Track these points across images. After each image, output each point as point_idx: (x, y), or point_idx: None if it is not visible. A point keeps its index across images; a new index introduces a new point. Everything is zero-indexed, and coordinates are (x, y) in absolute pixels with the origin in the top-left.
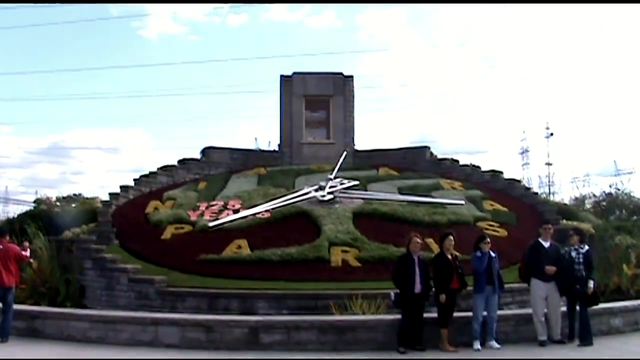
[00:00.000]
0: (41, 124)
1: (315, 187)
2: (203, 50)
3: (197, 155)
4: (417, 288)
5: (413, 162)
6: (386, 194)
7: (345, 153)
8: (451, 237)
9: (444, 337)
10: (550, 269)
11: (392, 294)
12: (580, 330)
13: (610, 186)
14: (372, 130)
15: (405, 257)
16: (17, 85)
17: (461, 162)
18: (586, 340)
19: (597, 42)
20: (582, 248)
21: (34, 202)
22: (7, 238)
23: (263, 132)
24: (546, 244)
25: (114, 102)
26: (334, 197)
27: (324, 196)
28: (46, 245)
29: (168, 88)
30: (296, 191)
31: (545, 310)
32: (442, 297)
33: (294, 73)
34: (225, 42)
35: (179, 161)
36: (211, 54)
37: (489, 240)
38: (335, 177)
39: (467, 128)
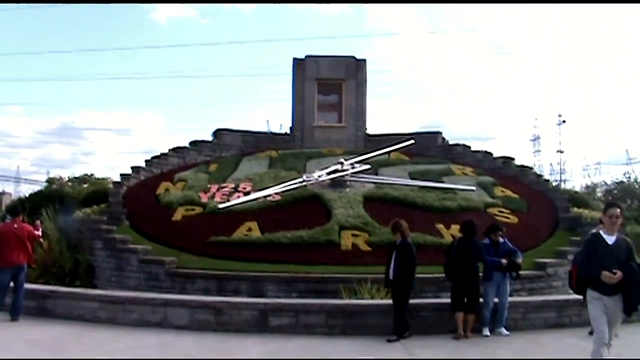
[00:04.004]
0: (51, 104)
1: (327, 170)
2: (214, 33)
3: (209, 138)
4: (391, 274)
5: (424, 147)
6: (397, 179)
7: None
8: None
9: (470, 323)
10: (611, 276)
11: None
12: None
13: (624, 174)
14: (383, 115)
15: (393, 244)
16: (27, 66)
17: (472, 148)
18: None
19: (610, 30)
20: None
21: (46, 181)
22: (21, 217)
23: (274, 115)
24: (610, 239)
25: (124, 84)
26: (321, 181)
27: (309, 176)
28: (56, 226)
29: (179, 71)
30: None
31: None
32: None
33: (307, 56)
34: (236, 26)
35: (191, 143)
36: (222, 38)
37: (500, 233)
38: (347, 161)
39: (477, 114)
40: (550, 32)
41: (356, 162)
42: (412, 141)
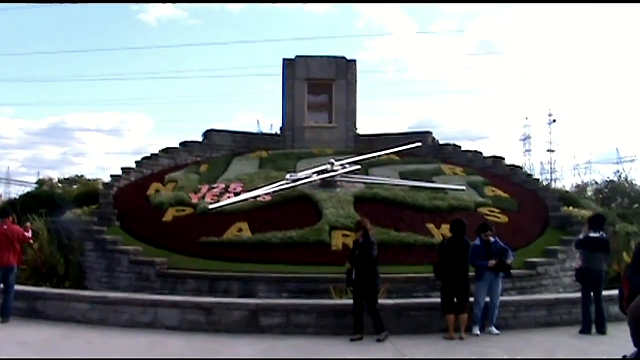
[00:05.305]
0: (41, 105)
1: (315, 170)
2: (204, 34)
3: (199, 138)
4: (354, 274)
5: (415, 148)
6: (388, 179)
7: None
8: None
9: (463, 323)
10: None
11: None
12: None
13: (614, 173)
14: (373, 115)
15: (355, 242)
16: (17, 67)
17: (463, 148)
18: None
19: (600, 29)
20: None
21: (36, 183)
22: (11, 219)
23: (265, 116)
24: None
25: (115, 85)
26: (310, 181)
27: (293, 175)
28: (46, 227)
29: (169, 71)
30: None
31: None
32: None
33: (297, 57)
34: (226, 27)
35: (181, 144)
36: (212, 38)
37: (490, 233)
38: (339, 162)
39: (468, 114)
40: (540, 31)
41: (348, 163)
42: (420, 144)
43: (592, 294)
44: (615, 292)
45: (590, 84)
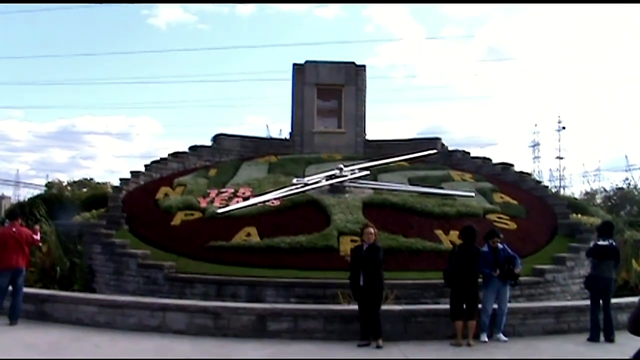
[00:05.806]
0: (51, 108)
1: (323, 175)
2: (213, 38)
3: (208, 143)
4: (361, 280)
5: (429, 155)
6: (396, 185)
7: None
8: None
9: (471, 330)
10: None
11: None
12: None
13: (623, 181)
14: (382, 121)
15: (357, 248)
16: (26, 70)
17: (472, 154)
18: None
19: (610, 36)
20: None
21: (45, 185)
22: (20, 221)
23: (274, 120)
24: None
25: (124, 88)
26: (319, 186)
27: (299, 180)
28: (54, 230)
29: (178, 75)
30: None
31: None
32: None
33: (307, 62)
34: (234, 31)
35: (190, 148)
36: (221, 43)
37: (497, 239)
38: (346, 167)
39: (477, 120)
40: (550, 38)
41: (357, 168)
42: (435, 151)
43: (600, 301)
44: (624, 300)
45: (600, 91)
